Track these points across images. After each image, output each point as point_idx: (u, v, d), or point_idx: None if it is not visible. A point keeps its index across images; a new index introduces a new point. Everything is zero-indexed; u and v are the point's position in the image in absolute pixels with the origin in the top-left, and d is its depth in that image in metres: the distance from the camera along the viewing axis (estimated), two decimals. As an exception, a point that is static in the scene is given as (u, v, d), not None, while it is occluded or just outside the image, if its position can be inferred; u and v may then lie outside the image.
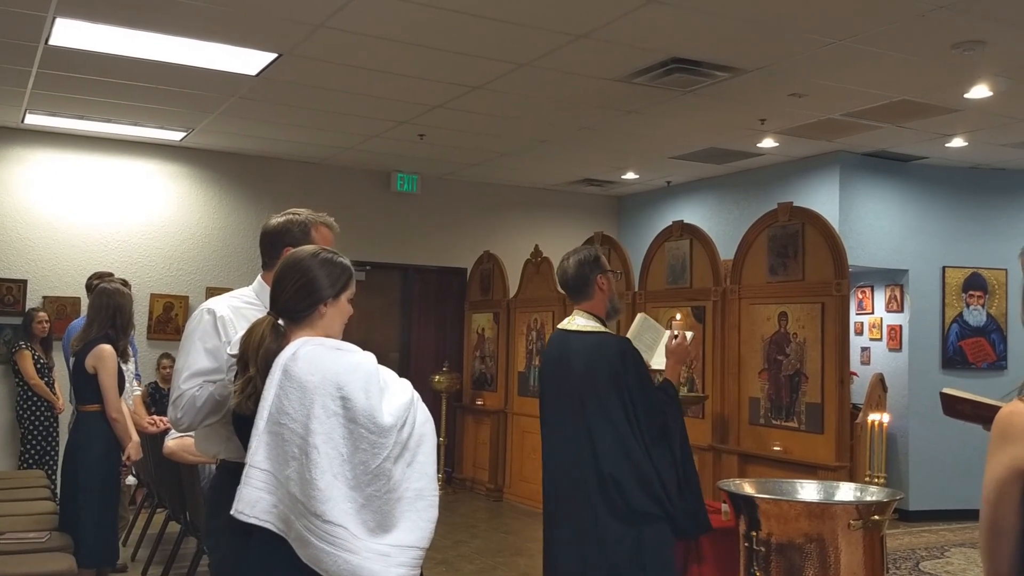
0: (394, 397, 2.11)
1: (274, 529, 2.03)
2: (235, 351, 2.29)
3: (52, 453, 6.97)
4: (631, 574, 3.12)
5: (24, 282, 7.71)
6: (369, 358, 2.16)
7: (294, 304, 2.21)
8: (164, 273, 8.25)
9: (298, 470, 2.00)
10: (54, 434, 7.02)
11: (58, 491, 5.08)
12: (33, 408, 7.01)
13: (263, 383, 2.10)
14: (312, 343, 2.13)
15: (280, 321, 2.22)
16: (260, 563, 2.11)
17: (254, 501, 2.03)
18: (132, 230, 8.14)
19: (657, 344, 3.71)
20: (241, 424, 2.24)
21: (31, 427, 7.00)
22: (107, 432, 4.38)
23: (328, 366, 2.06)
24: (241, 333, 2.53)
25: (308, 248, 2.33)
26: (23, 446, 7.03)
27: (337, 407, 2.02)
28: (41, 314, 7.19)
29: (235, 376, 2.29)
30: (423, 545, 2.07)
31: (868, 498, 3.38)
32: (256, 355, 2.16)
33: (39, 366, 7.04)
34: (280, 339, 2.18)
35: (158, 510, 6.01)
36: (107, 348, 4.29)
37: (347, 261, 2.31)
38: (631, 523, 3.13)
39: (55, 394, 7.06)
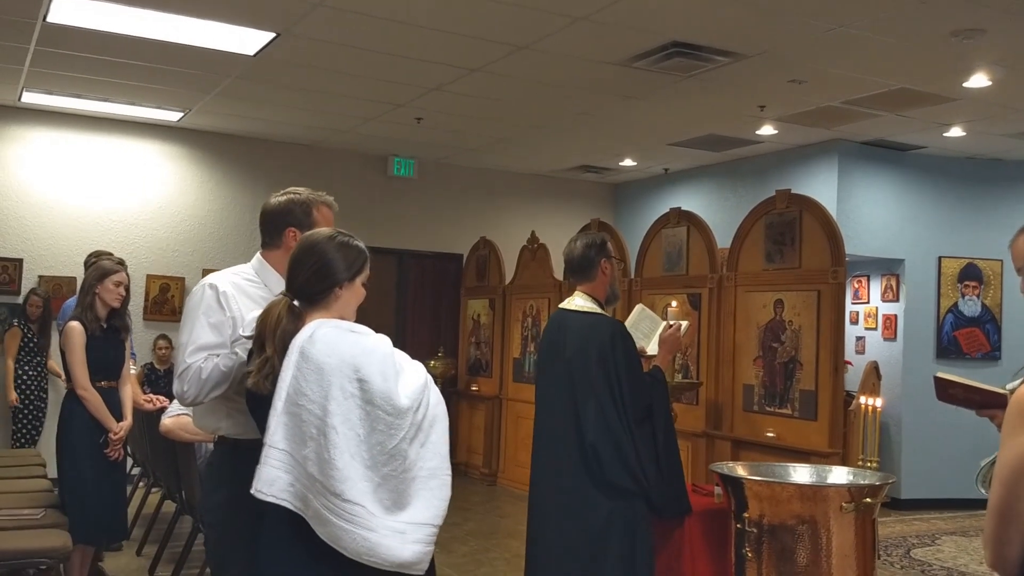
0: (409, 379, 2.14)
1: (291, 508, 2.05)
2: (250, 332, 2.30)
3: (36, 433, 7.03)
4: (604, 544, 3.25)
5: (20, 261, 7.69)
6: (384, 341, 2.20)
7: (310, 286, 2.24)
8: (161, 254, 8.23)
9: (316, 450, 2.03)
10: (40, 415, 7.05)
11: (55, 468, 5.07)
12: (23, 387, 7.02)
13: (280, 363, 2.12)
14: (328, 325, 2.15)
15: (296, 302, 2.24)
16: (273, 541, 2.13)
17: (272, 480, 2.06)
18: (129, 210, 8.13)
19: (654, 333, 3.88)
20: (255, 403, 2.26)
21: (20, 406, 7.02)
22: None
23: (345, 349, 2.09)
24: (244, 309, 2.54)
25: (324, 231, 2.35)
26: (14, 425, 7.06)
27: (354, 389, 2.05)
28: (34, 297, 7.17)
29: (249, 356, 2.32)
30: (437, 522, 2.11)
31: (861, 481, 3.39)
32: (273, 336, 2.19)
33: (30, 346, 7.04)
34: (296, 320, 2.20)
35: (153, 489, 6.02)
36: (72, 325, 4.26)
37: (362, 245, 2.33)
38: (608, 496, 3.27)
39: (36, 375, 7.08)
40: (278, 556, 2.11)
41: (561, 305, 3.63)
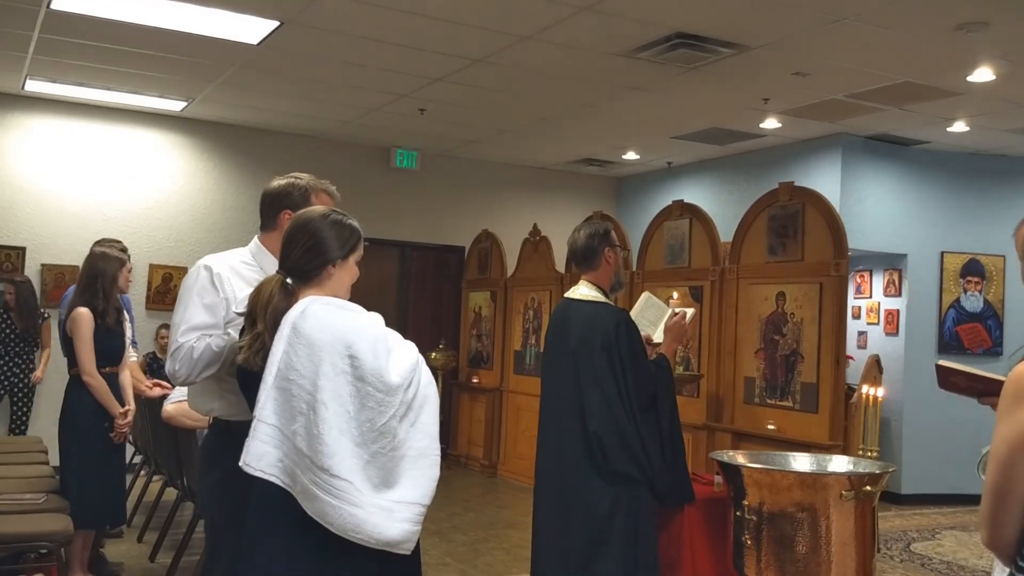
0: (401, 358, 2.15)
1: (279, 483, 2.06)
2: (242, 309, 2.31)
3: (22, 422, 7.03)
4: (607, 532, 3.26)
5: (23, 249, 7.70)
6: (376, 319, 2.20)
7: (303, 264, 2.24)
8: (163, 244, 8.24)
9: (305, 425, 2.03)
10: (26, 402, 7.05)
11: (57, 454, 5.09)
12: (9, 374, 7.03)
13: (271, 339, 2.13)
14: (320, 302, 2.16)
15: (289, 280, 2.24)
16: (261, 517, 2.13)
17: (261, 455, 2.06)
18: (131, 199, 8.13)
19: (660, 321, 3.90)
20: (246, 380, 2.26)
21: (5, 393, 7.03)
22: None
23: (337, 325, 2.10)
24: (237, 291, 2.55)
25: (318, 209, 2.36)
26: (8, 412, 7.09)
27: (345, 365, 2.05)
28: (8, 285, 7.08)
29: (241, 332, 2.31)
30: (425, 502, 2.10)
31: (860, 469, 3.40)
32: (265, 312, 2.20)
33: (3, 333, 7.02)
34: (289, 297, 2.21)
35: (155, 477, 6.03)
36: (81, 311, 4.27)
37: (356, 223, 2.33)
38: (612, 483, 3.29)
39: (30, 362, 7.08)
40: (266, 531, 2.10)
41: (566, 294, 3.65)
